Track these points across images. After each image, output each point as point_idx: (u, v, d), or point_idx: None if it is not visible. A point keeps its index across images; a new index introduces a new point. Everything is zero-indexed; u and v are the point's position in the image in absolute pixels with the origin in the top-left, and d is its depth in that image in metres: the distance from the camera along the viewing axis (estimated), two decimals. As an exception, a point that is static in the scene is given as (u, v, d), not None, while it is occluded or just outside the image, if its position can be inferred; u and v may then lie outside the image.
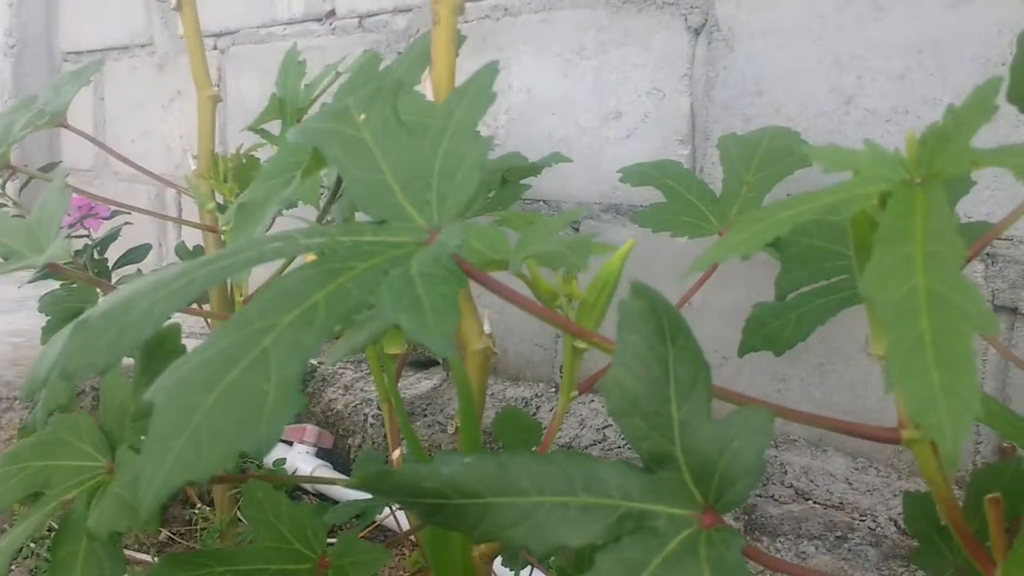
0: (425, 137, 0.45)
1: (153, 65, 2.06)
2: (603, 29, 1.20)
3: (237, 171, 0.96)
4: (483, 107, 0.45)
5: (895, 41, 0.96)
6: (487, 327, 0.64)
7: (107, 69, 2.18)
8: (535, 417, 1.22)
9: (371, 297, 0.37)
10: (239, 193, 0.95)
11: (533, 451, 0.59)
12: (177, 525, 1.29)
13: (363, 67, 0.80)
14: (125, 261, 1.25)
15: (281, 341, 0.35)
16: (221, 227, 0.96)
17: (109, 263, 1.24)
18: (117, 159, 1.08)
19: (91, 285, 1.05)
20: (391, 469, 0.39)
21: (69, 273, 0.86)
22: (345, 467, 1.32)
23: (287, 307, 0.36)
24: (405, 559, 1.16)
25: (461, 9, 0.64)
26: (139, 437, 0.65)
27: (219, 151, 1.01)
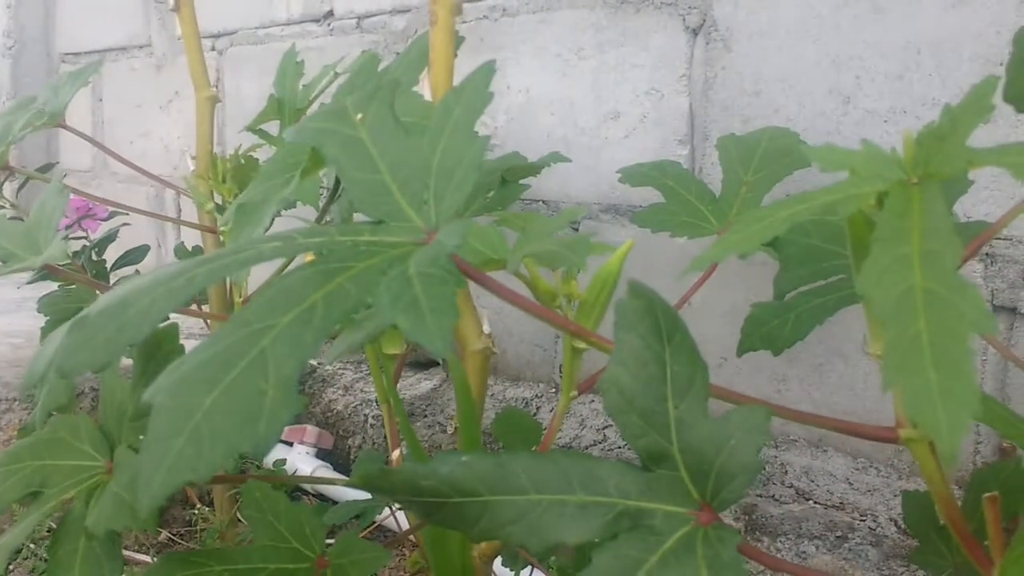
0: (423, 137, 0.45)
1: (151, 66, 2.06)
2: (601, 29, 1.20)
3: (236, 172, 0.96)
4: (480, 106, 0.45)
5: (893, 41, 0.96)
6: (486, 327, 0.64)
7: (105, 70, 2.18)
8: (536, 418, 1.22)
9: (369, 297, 0.37)
10: (238, 194, 0.95)
11: (532, 450, 0.59)
12: (177, 526, 1.29)
13: (361, 68, 0.81)
14: (123, 262, 1.25)
15: (280, 341, 0.35)
16: (220, 228, 0.96)
17: (107, 264, 1.24)
18: (115, 160, 1.08)
19: (89, 286, 1.05)
20: (390, 468, 0.39)
21: (67, 274, 0.86)
22: (345, 468, 1.32)
23: (285, 307, 0.37)
24: (405, 559, 1.16)
25: (459, 10, 0.64)
26: (138, 437, 0.65)
27: (218, 152, 1.01)
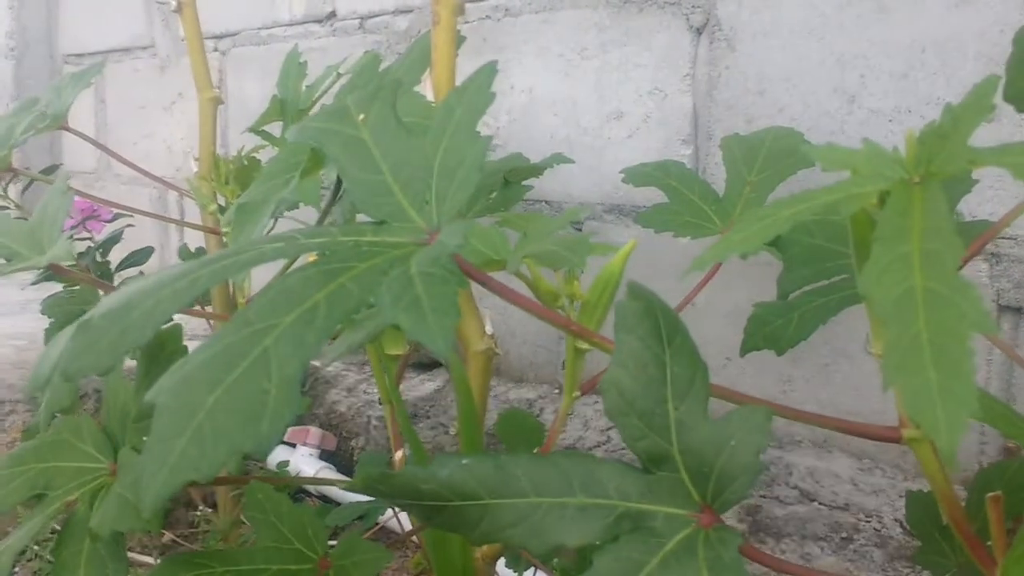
0: (425, 137, 0.45)
1: (154, 67, 2.06)
2: (604, 29, 1.20)
3: (238, 173, 0.96)
4: (482, 106, 0.45)
5: (897, 40, 0.96)
6: (489, 328, 0.64)
7: (108, 71, 2.18)
8: (539, 419, 1.22)
9: (371, 297, 0.37)
10: (240, 195, 0.96)
11: (534, 452, 0.59)
12: (181, 528, 1.30)
13: (364, 68, 0.80)
14: (128, 264, 1.25)
15: (282, 341, 0.35)
16: (222, 229, 0.96)
17: (112, 266, 1.25)
18: (119, 161, 1.08)
19: (94, 287, 1.05)
20: (390, 472, 0.39)
21: (72, 275, 0.86)
22: (348, 469, 1.32)
23: (288, 307, 0.37)
24: (408, 560, 1.16)
25: (461, 10, 0.64)
26: (141, 439, 0.65)
27: (221, 153, 1.01)
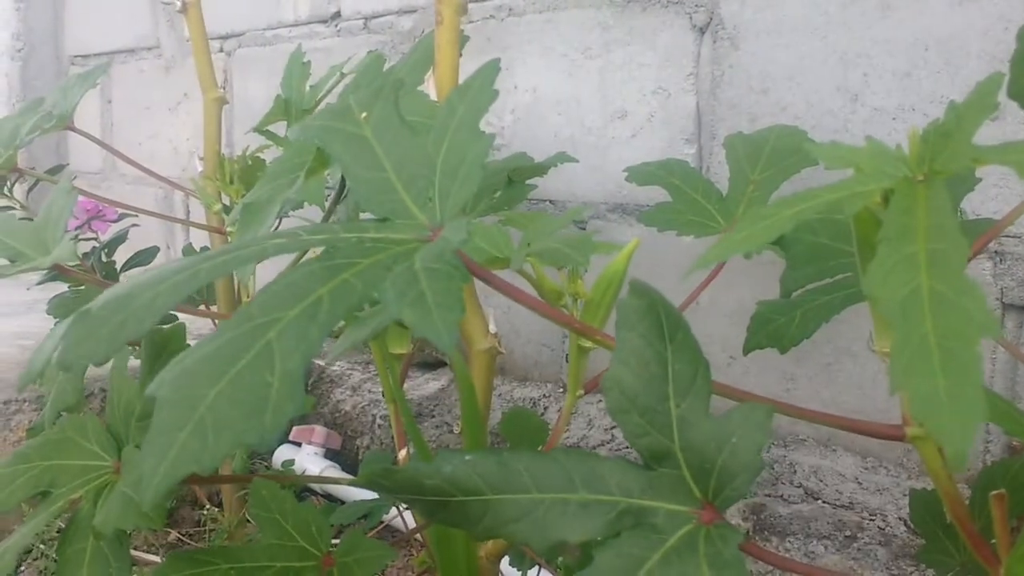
0: (427, 135, 0.45)
1: (160, 68, 2.07)
2: (608, 28, 1.20)
3: (243, 172, 0.97)
4: (485, 104, 0.45)
5: (901, 38, 0.96)
6: (492, 327, 0.64)
7: (114, 72, 2.19)
8: (543, 417, 1.22)
9: (375, 292, 0.37)
10: (245, 194, 0.96)
11: (538, 449, 0.59)
12: (186, 526, 1.30)
13: (367, 68, 0.81)
14: (133, 263, 1.25)
15: (285, 335, 0.35)
16: (227, 228, 0.96)
17: (117, 265, 1.25)
18: (124, 162, 1.08)
19: (99, 287, 1.05)
20: (394, 468, 0.39)
21: (77, 275, 0.86)
22: (353, 468, 1.32)
23: (291, 302, 0.37)
24: (413, 559, 1.17)
25: (465, 9, 0.64)
26: (145, 437, 0.65)
27: (226, 153, 1.02)
